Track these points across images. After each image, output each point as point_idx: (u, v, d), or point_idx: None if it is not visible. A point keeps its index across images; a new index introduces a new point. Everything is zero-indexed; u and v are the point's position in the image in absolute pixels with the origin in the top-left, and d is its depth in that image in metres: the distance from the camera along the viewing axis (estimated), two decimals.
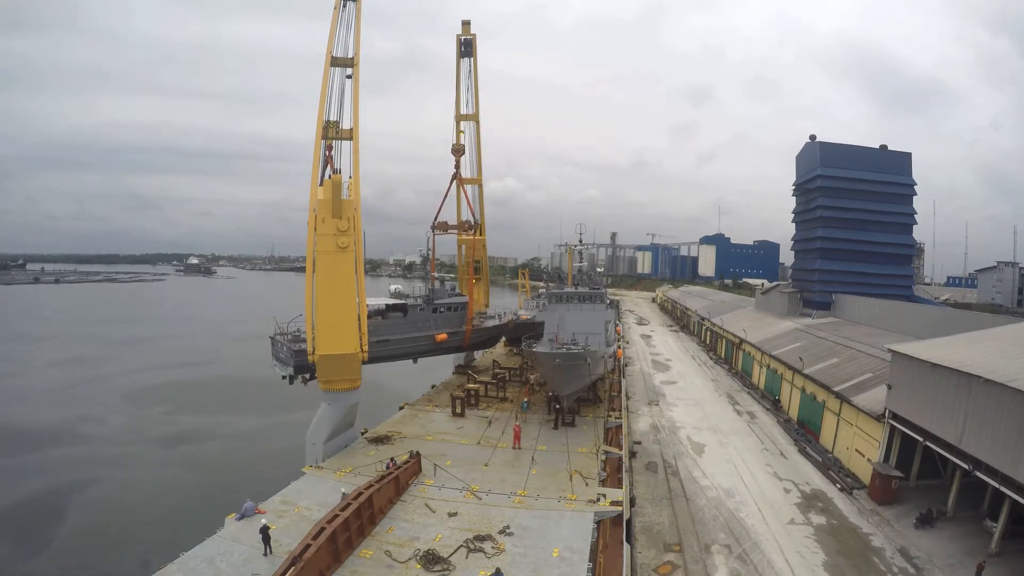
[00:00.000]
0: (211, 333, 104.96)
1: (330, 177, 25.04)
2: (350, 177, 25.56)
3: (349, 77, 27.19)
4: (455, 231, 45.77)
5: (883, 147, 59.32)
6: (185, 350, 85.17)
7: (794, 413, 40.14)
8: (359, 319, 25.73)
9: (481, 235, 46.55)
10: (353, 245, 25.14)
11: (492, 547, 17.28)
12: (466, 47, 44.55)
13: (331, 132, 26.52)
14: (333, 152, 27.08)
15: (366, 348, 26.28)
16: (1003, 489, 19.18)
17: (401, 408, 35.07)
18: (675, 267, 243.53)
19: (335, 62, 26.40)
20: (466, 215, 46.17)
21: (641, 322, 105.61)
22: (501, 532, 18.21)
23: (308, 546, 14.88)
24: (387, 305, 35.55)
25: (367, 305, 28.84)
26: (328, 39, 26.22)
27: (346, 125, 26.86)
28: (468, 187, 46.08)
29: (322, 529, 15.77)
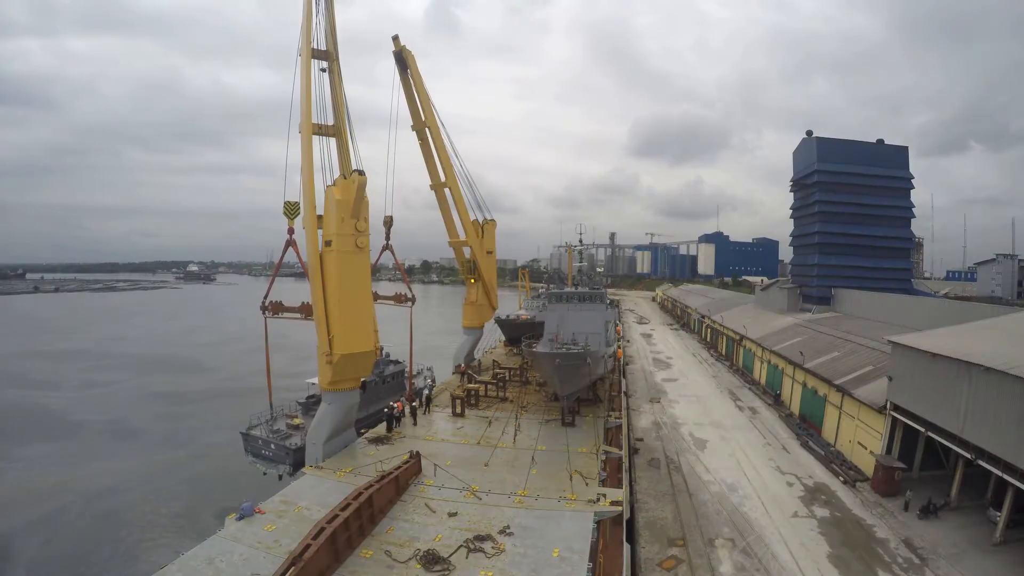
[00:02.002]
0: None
1: (347, 177, 24.94)
2: (345, 176, 25.44)
3: (324, 71, 27.18)
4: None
5: (880, 141, 59.40)
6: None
7: (796, 407, 40.07)
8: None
9: (480, 236, 46.39)
10: (368, 246, 25.44)
11: (492, 547, 17.15)
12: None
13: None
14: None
15: (378, 344, 26.87)
16: (1006, 477, 19.12)
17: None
18: (674, 266, 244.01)
19: (314, 55, 26.23)
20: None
21: (641, 321, 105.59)
22: (501, 532, 18.08)
23: (308, 546, 14.79)
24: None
25: None
26: (305, 29, 25.79)
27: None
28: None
29: (322, 529, 15.66)
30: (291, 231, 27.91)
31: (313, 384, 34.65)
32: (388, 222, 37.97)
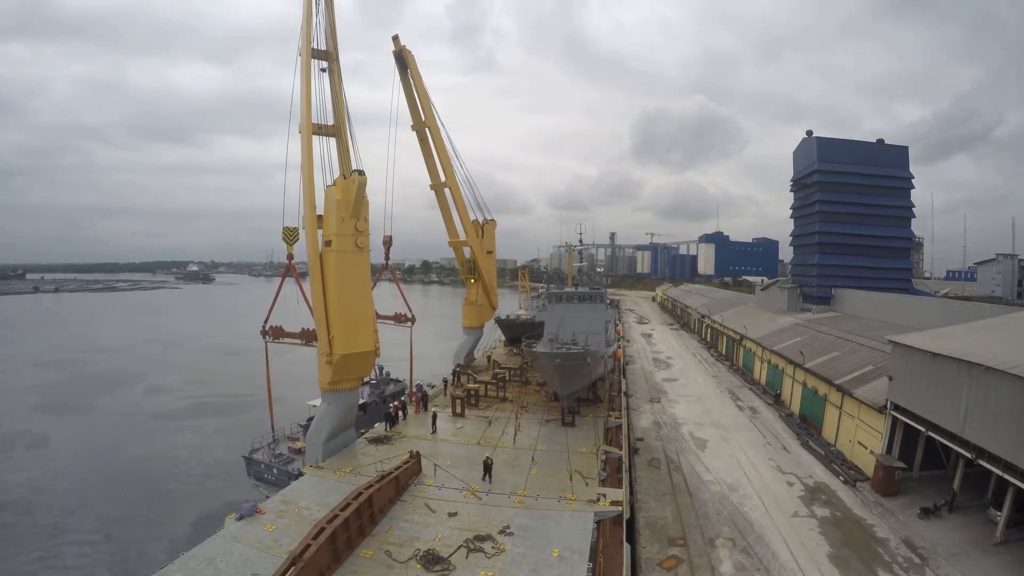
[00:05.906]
0: None
1: (347, 177, 24.95)
2: (345, 176, 25.44)
3: (324, 71, 27.26)
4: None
5: (880, 141, 59.38)
6: None
7: (796, 407, 40.04)
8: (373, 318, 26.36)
9: (480, 236, 46.39)
10: (368, 245, 25.45)
11: (492, 547, 17.15)
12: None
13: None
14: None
15: (378, 344, 26.92)
16: (1006, 476, 19.09)
17: None
18: (675, 266, 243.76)
19: (314, 54, 26.32)
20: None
21: (641, 321, 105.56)
22: (501, 532, 18.08)
23: (308, 546, 14.77)
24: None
25: None
26: (305, 29, 25.90)
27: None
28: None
29: (322, 529, 15.66)
30: (291, 256, 28.38)
31: (314, 406, 34.69)
32: (387, 242, 38.00)
